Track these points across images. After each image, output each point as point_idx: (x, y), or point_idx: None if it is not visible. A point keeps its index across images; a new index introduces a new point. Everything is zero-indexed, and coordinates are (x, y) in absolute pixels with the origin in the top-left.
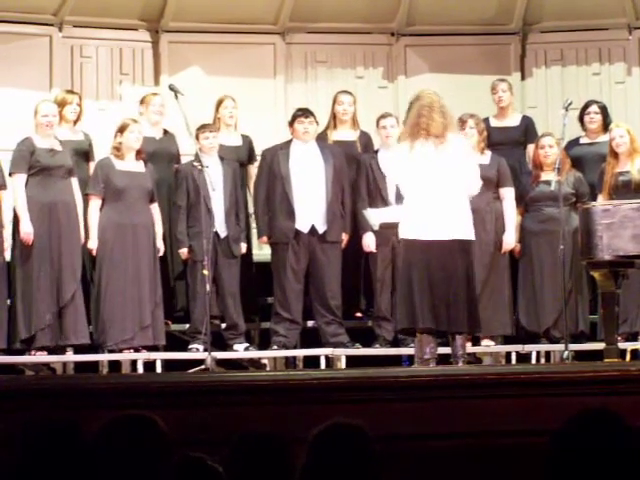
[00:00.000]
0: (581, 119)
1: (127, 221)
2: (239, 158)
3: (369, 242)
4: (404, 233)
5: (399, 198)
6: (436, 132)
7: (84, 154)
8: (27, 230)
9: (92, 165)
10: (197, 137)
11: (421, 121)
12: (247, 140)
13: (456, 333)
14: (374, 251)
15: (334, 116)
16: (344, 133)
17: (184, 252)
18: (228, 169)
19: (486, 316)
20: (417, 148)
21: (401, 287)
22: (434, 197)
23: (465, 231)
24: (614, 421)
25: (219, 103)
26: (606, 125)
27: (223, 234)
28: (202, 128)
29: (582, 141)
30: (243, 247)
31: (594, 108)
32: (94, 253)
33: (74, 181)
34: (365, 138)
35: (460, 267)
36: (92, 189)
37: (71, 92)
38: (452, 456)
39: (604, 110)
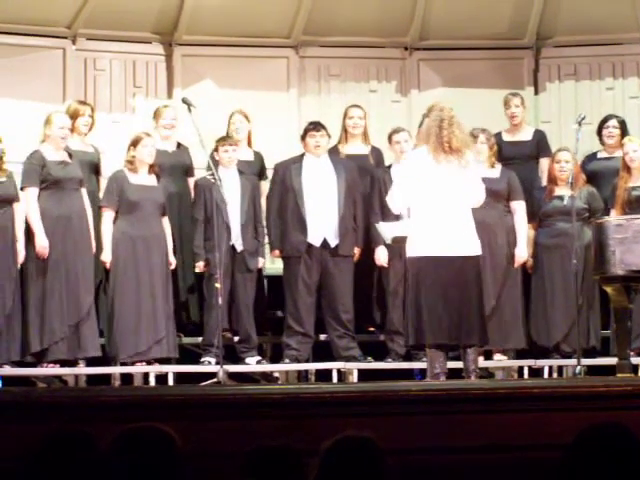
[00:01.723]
0: (599, 133)
1: (140, 234)
2: (252, 173)
3: (381, 256)
4: (413, 250)
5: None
6: (457, 146)
7: (94, 167)
8: (43, 244)
9: (101, 179)
10: (216, 149)
11: (443, 134)
12: (259, 157)
13: (468, 346)
14: (386, 265)
15: (345, 130)
16: (355, 147)
17: (200, 265)
18: (246, 183)
19: (500, 330)
20: (442, 164)
21: (410, 303)
22: (445, 213)
23: (475, 247)
24: (626, 436)
25: (229, 117)
26: None
27: (240, 248)
28: (222, 140)
29: (600, 156)
30: (260, 261)
31: (613, 122)
32: (108, 266)
33: (84, 192)
34: (376, 153)
35: (471, 282)
36: (106, 201)
37: (83, 103)
38: (464, 470)
39: (623, 125)
